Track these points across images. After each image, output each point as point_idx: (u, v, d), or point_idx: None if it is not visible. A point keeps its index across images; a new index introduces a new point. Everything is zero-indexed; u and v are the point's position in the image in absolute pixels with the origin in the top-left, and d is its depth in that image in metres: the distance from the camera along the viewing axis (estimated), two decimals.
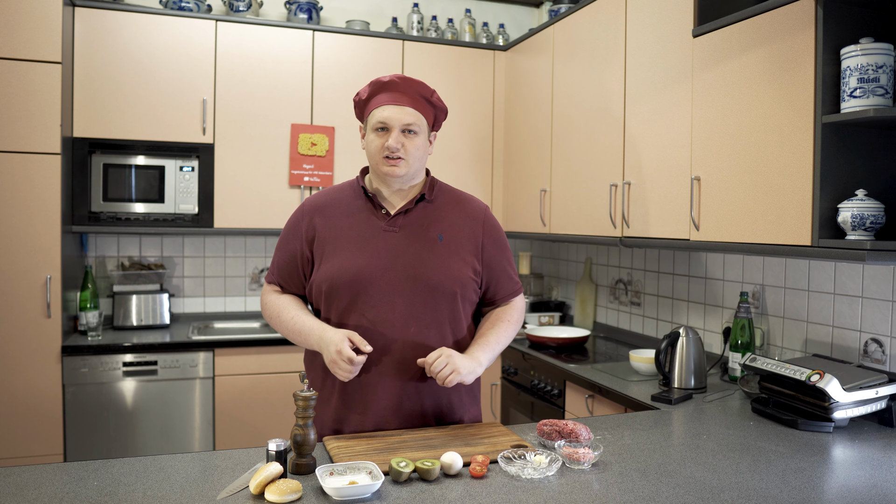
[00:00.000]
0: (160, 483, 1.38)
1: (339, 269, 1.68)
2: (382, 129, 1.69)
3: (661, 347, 2.33)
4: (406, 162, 1.69)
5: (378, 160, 1.70)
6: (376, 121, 1.70)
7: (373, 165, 1.73)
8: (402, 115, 1.68)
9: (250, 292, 3.82)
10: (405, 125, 1.69)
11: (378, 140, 1.70)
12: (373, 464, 1.39)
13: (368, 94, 1.73)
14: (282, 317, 1.74)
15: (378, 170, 1.71)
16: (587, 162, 3.01)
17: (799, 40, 1.91)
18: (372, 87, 1.72)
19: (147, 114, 3.25)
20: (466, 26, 4.04)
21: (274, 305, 1.78)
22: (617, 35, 2.79)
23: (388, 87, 1.71)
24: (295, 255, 1.76)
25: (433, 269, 1.70)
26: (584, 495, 1.36)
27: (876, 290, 2.12)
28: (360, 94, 1.75)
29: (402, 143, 1.68)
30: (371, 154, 1.72)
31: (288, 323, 1.73)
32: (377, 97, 1.71)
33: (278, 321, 1.76)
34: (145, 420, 3.05)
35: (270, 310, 1.79)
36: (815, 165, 1.86)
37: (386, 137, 1.69)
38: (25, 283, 2.90)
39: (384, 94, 1.71)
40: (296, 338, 1.73)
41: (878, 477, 1.51)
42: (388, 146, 1.67)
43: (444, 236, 1.74)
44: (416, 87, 1.72)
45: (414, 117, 1.70)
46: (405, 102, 1.69)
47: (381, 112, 1.69)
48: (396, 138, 1.67)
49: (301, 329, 1.70)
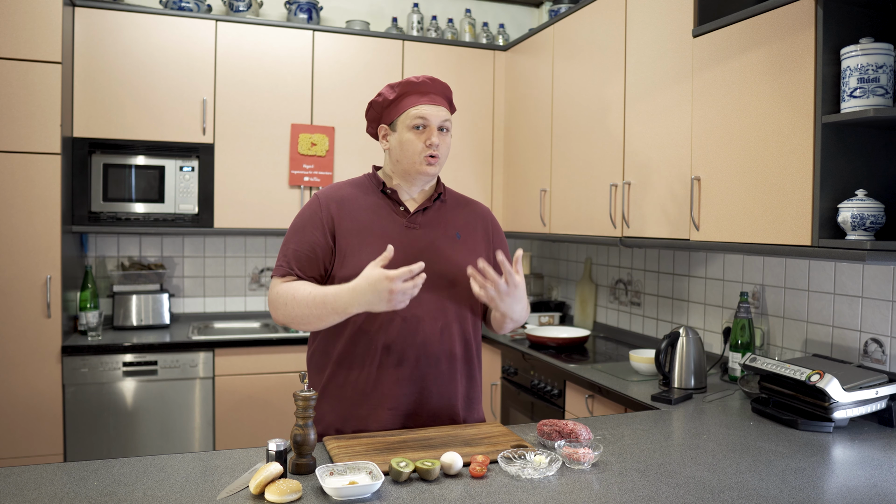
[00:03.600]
0: (160, 483, 1.38)
1: (367, 264, 1.63)
2: (421, 128, 1.70)
3: (661, 347, 2.33)
4: (440, 160, 1.72)
5: (417, 159, 1.70)
6: (415, 117, 1.70)
7: (407, 164, 1.72)
8: (438, 113, 1.71)
9: (250, 292, 3.82)
10: (441, 122, 1.72)
11: (417, 138, 1.70)
12: (373, 464, 1.39)
13: (398, 94, 1.72)
14: (297, 295, 1.62)
15: (415, 168, 1.71)
16: (587, 162, 3.01)
17: (799, 40, 1.91)
18: (402, 86, 1.72)
19: (147, 114, 3.25)
20: (466, 26, 4.04)
21: (287, 290, 1.65)
22: (617, 35, 2.78)
23: (421, 87, 1.72)
24: (315, 245, 1.69)
25: (456, 265, 1.72)
26: (584, 495, 1.36)
27: (876, 290, 2.12)
28: (385, 95, 1.74)
29: (439, 141, 1.71)
30: (408, 153, 1.70)
31: (307, 298, 1.60)
32: (410, 97, 1.71)
33: (294, 301, 1.62)
34: (145, 420, 3.05)
35: (284, 296, 1.64)
36: (815, 165, 1.86)
37: (425, 135, 1.69)
38: (25, 283, 2.90)
39: (417, 94, 1.72)
40: (320, 309, 1.58)
41: (878, 477, 1.51)
42: (433, 142, 1.68)
43: (460, 234, 1.78)
44: (442, 88, 1.75)
45: (447, 115, 1.74)
46: (437, 102, 1.73)
47: (420, 110, 1.70)
48: (438, 135, 1.70)
49: (325, 297, 1.58)
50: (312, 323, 1.63)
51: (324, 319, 1.61)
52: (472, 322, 1.78)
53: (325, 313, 1.59)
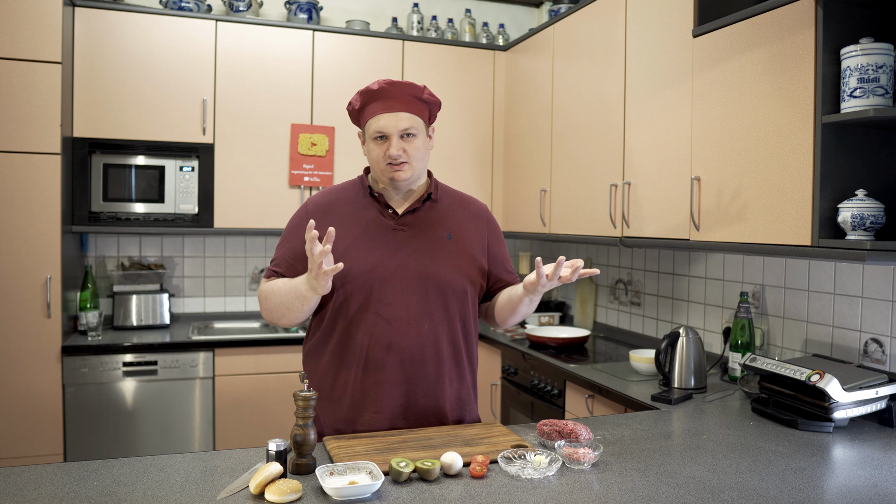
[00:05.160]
0: (160, 483, 1.38)
1: (353, 267, 1.67)
2: (381, 138, 1.69)
3: (661, 347, 2.33)
4: (410, 165, 1.69)
5: (382, 168, 1.70)
6: (373, 130, 1.69)
7: (377, 173, 1.73)
8: (397, 121, 1.67)
9: (250, 292, 3.82)
10: (402, 130, 1.68)
11: (378, 149, 1.69)
12: (373, 464, 1.39)
13: (361, 104, 1.72)
14: (275, 287, 1.68)
15: (383, 177, 1.71)
16: (587, 162, 3.01)
17: (799, 40, 1.91)
18: (362, 96, 1.70)
19: (147, 114, 3.25)
20: (466, 26, 4.04)
21: (268, 286, 1.71)
22: (617, 35, 2.78)
23: (379, 95, 1.69)
24: (299, 252, 1.72)
25: (444, 267, 1.72)
26: (584, 495, 1.36)
27: (876, 290, 2.12)
28: (353, 104, 1.74)
29: (402, 148, 1.67)
30: (374, 162, 1.72)
31: (281, 288, 1.66)
32: (370, 106, 1.70)
33: (273, 294, 1.68)
34: (145, 420, 3.05)
35: (266, 291, 1.71)
36: (815, 165, 1.86)
37: (386, 146, 1.68)
38: (25, 283, 2.90)
39: (376, 102, 1.69)
40: (288, 296, 1.64)
41: (878, 477, 1.51)
42: (390, 154, 1.66)
43: (451, 235, 1.76)
44: (407, 88, 1.70)
45: (409, 121, 1.69)
46: (398, 108, 1.68)
47: (377, 122, 1.68)
48: (397, 145, 1.67)
49: (292, 284, 1.63)
50: (285, 314, 1.67)
51: (292, 308, 1.65)
52: (461, 324, 1.76)
53: (291, 300, 1.64)
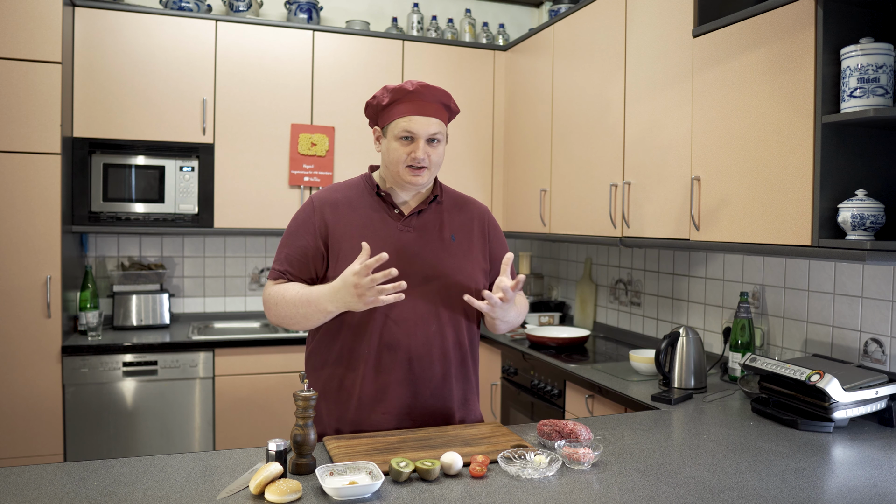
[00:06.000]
0: (160, 483, 1.38)
1: None
2: (407, 139, 1.67)
3: (661, 347, 2.33)
4: (429, 170, 1.69)
5: (401, 169, 1.68)
6: (402, 130, 1.67)
7: (393, 172, 1.71)
8: (427, 125, 1.67)
9: (250, 292, 3.82)
10: (431, 135, 1.68)
11: (402, 149, 1.67)
12: (373, 464, 1.39)
13: (390, 101, 1.69)
14: (286, 295, 1.66)
15: (400, 178, 1.70)
16: (587, 162, 3.01)
17: (799, 40, 1.91)
18: (393, 93, 1.68)
19: (147, 114, 3.25)
20: (466, 26, 4.04)
21: (277, 292, 1.68)
22: (617, 35, 2.78)
23: (413, 97, 1.67)
24: (307, 249, 1.71)
25: (450, 268, 1.72)
26: (584, 495, 1.36)
27: (876, 290, 2.12)
28: (379, 99, 1.71)
29: (427, 153, 1.67)
30: (393, 161, 1.69)
31: (294, 298, 1.64)
32: (400, 105, 1.68)
33: (283, 302, 1.66)
34: (145, 420, 3.05)
35: (275, 296, 1.68)
36: (815, 165, 1.86)
37: (411, 148, 1.67)
38: (25, 283, 2.90)
39: (408, 103, 1.67)
40: (306, 308, 1.62)
41: (878, 477, 1.51)
42: (415, 157, 1.65)
43: (455, 237, 1.77)
44: (439, 95, 1.70)
45: (438, 126, 1.69)
46: (429, 112, 1.68)
47: (408, 122, 1.66)
48: (423, 149, 1.66)
49: (310, 296, 1.61)
50: (301, 322, 1.67)
51: (310, 318, 1.65)
52: (466, 324, 1.77)
53: (310, 312, 1.63)
